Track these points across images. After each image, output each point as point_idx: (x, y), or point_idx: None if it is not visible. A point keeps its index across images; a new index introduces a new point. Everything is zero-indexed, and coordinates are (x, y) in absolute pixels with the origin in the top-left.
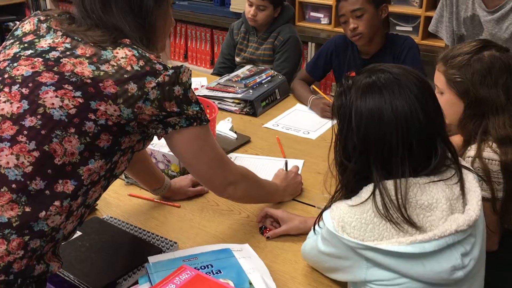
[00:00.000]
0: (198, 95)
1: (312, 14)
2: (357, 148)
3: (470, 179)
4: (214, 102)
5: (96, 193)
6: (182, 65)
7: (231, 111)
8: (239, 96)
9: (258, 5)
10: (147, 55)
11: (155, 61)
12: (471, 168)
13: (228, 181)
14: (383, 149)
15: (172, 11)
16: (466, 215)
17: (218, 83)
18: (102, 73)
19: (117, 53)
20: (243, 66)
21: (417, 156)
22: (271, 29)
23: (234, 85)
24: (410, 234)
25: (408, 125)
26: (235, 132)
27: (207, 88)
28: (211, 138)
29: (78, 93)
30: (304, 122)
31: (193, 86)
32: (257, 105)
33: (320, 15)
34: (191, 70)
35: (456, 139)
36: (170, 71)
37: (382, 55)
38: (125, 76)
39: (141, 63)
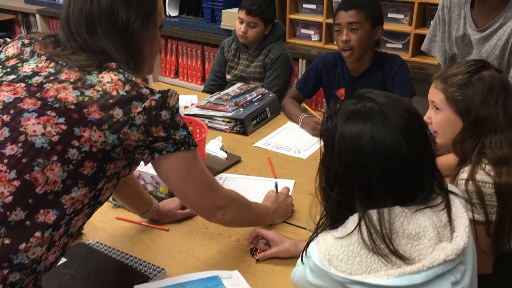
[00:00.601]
0: (188, 114)
1: (303, 31)
2: (339, 177)
3: (457, 205)
4: (204, 120)
5: (79, 222)
6: (169, 89)
7: (221, 130)
8: (229, 114)
9: (249, 23)
10: (133, 79)
11: (141, 85)
12: (457, 193)
13: (217, 205)
14: (364, 180)
15: (160, 33)
16: (454, 244)
17: (209, 101)
18: (86, 98)
19: (102, 77)
20: (234, 84)
21: (400, 190)
22: (262, 46)
23: (225, 104)
24: (398, 266)
25: (390, 158)
26: (225, 152)
27: (197, 107)
28: (199, 162)
29: (61, 120)
30: (295, 140)
31: (183, 104)
32: (247, 124)
33: (311, 32)
34: (178, 94)
35: (450, 158)
36: (157, 96)
37: (371, 73)
38: (110, 101)
39: (127, 87)
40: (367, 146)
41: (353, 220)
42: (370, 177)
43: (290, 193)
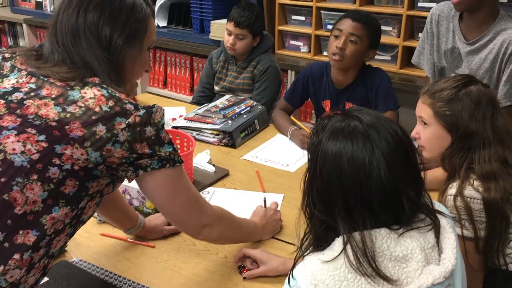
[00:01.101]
0: (176, 126)
1: (292, 42)
2: (320, 194)
3: (444, 225)
4: (192, 133)
5: (61, 242)
6: (154, 105)
7: (209, 143)
8: (217, 127)
9: (237, 35)
10: (117, 94)
11: (125, 101)
12: (445, 212)
13: (203, 223)
14: (343, 200)
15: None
16: (442, 266)
17: (197, 114)
18: (68, 115)
19: (85, 93)
20: (222, 95)
21: (380, 212)
22: (250, 58)
23: (213, 116)
24: None
25: (368, 180)
26: (213, 165)
27: (185, 119)
28: (185, 179)
29: (42, 137)
30: (283, 153)
31: (171, 116)
32: (236, 136)
33: (300, 43)
34: (163, 110)
35: (438, 173)
36: (142, 111)
37: (354, 87)
38: (93, 117)
39: (111, 103)
40: (346, 165)
41: (339, 242)
42: (349, 198)
43: (278, 208)
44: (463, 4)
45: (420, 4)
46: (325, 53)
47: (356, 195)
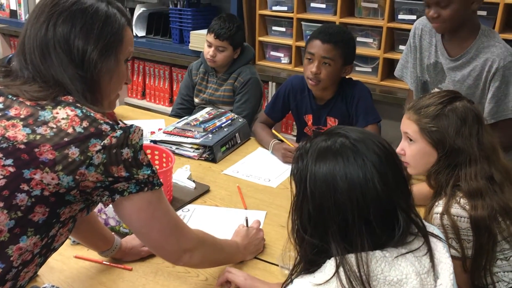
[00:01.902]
0: (155, 140)
1: (272, 53)
2: (313, 218)
3: (440, 249)
4: (171, 147)
5: (29, 273)
6: (132, 125)
7: (189, 157)
8: (197, 141)
9: (217, 46)
10: (92, 114)
11: (101, 121)
12: (440, 235)
13: (183, 248)
14: (339, 220)
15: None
16: None
17: (176, 127)
18: (38, 136)
19: (57, 113)
20: (202, 107)
21: (377, 229)
22: (231, 70)
23: (193, 129)
24: None
25: (364, 194)
26: (194, 181)
27: (164, 132)
28: (164, 203)
29: (9, 161)
30: (265, 168)
31: (150, 129)
32: (216, 151)
33: (281, 54)
34: (142, 130)
35: (423, 188)
36: (118, 132)
37: (335, 101)
38: (65, 139)
39: (85, 124)
40: (340, 183)
41: (331, 265)
42: (345, 216)
43: (261, 226)
44: (442, 28)
45: (400, 17)
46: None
47: (353, 212)
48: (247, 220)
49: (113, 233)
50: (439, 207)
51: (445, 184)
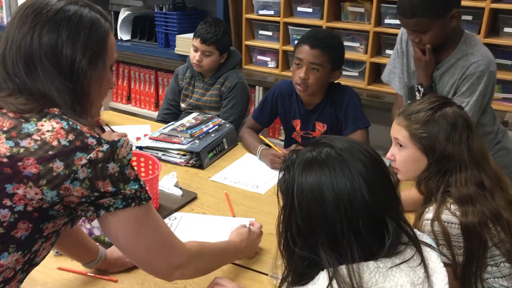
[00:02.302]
0: (141, 146)
1: (259, 57)
2: (302, 230)
3: (434, 259)
4: (157, 153)
5: None
6: (120, 139)
7: (175, 163)
8: (184, 147)
9: (204, 51)
10: (78, 127)
11: (87, 135)
12: (433, 245)
13: (174, 265)
14: (328, 231)
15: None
16: None
17: (162, 133)
18: (22, 150)
19: (42, 125)
20: (189, 113)
21: (367, 238)
22: (218, 74)
23: (179, 135)
24: None
25: (352, 204)
26: (180, 188)
27: (150, 138)
28: (152, 218)
29: None
30: (253, 174)
31: (136, 135)
32: (203, 157)
33: (267, 58)
34: (131, 144)
35: (412, 193)
36: (105, 147)
37: (323, 106)
38: (50, 152)
39: (71, 137)
40: (327, 194)
41: (324, 277)
42: (334, 226)
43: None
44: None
45: (386, 21)
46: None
47: (342, 222)
48: (250, 225)
49: (97, 243)
50: (429, 214)
51: (435, 190)
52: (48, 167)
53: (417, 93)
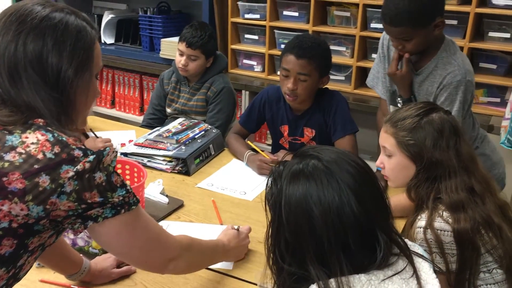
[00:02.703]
0: (126, 152)
1: (245, 61)
2: (290, 245)
3: (426, 270)
4: (142, 160)
5: None
6: (105, 148)
7: (161, 170)
8: (170, 153)
9: (189, 55)
10: (64, 139)
11: (73, 147)
12: (425, 255)
13: (168, 258)
14: (316, 246)
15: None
16: None
17: (147, 139)
18: (6, 164)
19: (26, 137)
20: (174, 118)
21: (356, 252)
22: (204, 79)
23: (165, 141)
24: None
25: (340, 218)
26: (167, 196)
27: (135, 145)
28: (143, 219)
29: None
30: (240, 180)
31: (120, 141)
32: (190, 163)
33: (253, 62)
34: (116, 152)
35: (402, 199)
36: (91, 157)
37: (312, 112)
38: (36, 166)
39: (56, 149)
40: (314, 208)
41: None
42: (322, 241)
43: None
44: (408, 54)
45: (372, 25)
46: (279, 73)
47: (330, 237)
48: (238, 228)
49: (81, 254)
50: (421, 221)
51: (426, 198)
52: (34, 181)
53: (398, 104)
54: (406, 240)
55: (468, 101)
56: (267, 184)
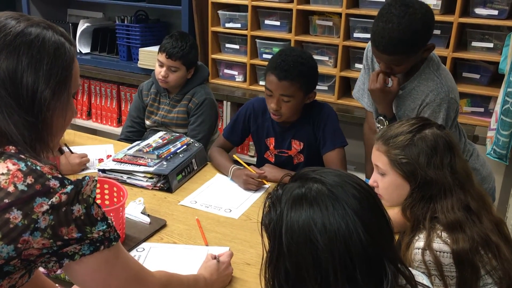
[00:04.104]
0: (104, 169)
1: (226, 71)
2: (291, 276)
3: None
4: (122, 176)
5: None
6: (85, 177)
7: (142, 187)
8: (151, 169)
9: (170, 67)
10: (38, 168)
11: (49, 176)
12: (430, 286)
13: None
14: (320, 280)
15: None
16: None
17: (127, 154)
18: None
19: None
20: (154, 130)
21: (362, 285)
22: (185, 90)
23: (145, 156)
24: None
25: (348, 248)
26: (148, 215)
27: (113, 160)
28: (122, 256)
29: None
30: (225, 196)
31: (97, 156)
32: (172, 179)
33: (235, 72)
34: (96, 181)
35: (394, 215)
36: (69, 188)
37: (301, 124)
38: (6, 201)
39: (29, 180)
40: (319, 236)
41: None
42: (328, 274)
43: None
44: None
45: (355, 35)
46: (261, 83)
47: (336, 269)
48: (218, 257)
49: (57, 285)
50: (420, 242)
51: (422, 217)
52: (4, 218)
53: (378, 126)
54: (410, 269)
55: (451, 117)
56: (264, 208)
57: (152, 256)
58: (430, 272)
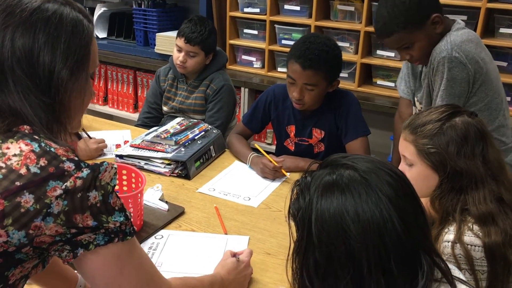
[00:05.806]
0: (122, 154)
1: (244, 57)
2: (321, 267)
3: None
4: (139, 162)
5: None
6: (103, 162)
7: (160, 173)
8: (169, 155)
9: (188, 52)
10: (52, 149)
11: (63, 158)
12: (464, 280)
13: None
14: (353, 271)
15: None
16: None
17: (144, 140)
18: None
19: (7, 148)
20: (171, 116)
21: (397, 278)
22: (203, 76)
23: (163, 143)
24: None
25: (382, 238)
26: (166, 202)
27: (131, 146)
28: (136, 255)
29: None
30: (243, 184)
31: (115, 142)
32: (190, 166)
33: (253, 58)
34: (116, 168)
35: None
36: (85, 172)
37: (322, 112)
38: (17, 183)
39: (43, 162)
40: (352, 225)
41: None
42: (361, 265)
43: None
44: (421, 62)
45: None
46: (279, 69)
47: (370, 260)
48: (237, 256)
49: (75, 270)
50: (449, 235)
51: (452, 209)
52: (15, 202)
53: (417, 105)
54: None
55: (460, 80)
56: (291, 196)
57: (171, 244)
58: (460, 266)
